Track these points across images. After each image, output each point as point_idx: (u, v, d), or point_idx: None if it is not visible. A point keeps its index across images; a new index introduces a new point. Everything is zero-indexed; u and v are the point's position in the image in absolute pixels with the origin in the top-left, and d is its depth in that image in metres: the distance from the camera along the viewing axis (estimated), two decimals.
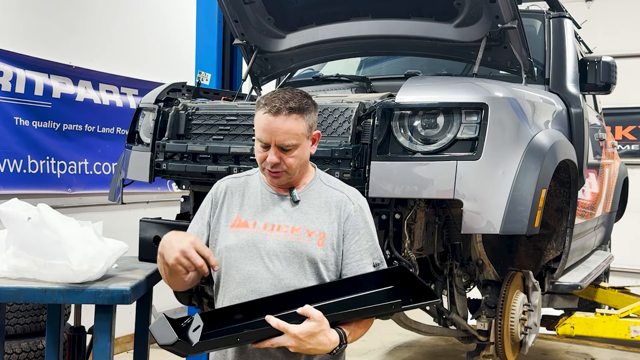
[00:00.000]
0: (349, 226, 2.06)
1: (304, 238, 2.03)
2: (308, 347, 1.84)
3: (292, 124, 1.97)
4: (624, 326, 4.56)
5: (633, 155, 7.92)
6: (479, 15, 3.21)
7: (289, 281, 2.01)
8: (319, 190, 2.11)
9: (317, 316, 1.84)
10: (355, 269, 2.04)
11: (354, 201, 2.09)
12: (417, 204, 2.78)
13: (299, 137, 2.00)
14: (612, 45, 6.99)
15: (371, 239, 2.09)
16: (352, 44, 3.75)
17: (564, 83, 3.78)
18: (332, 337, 1.87)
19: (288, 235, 2.04)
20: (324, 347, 1.86)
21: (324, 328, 1.85)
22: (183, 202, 3.40)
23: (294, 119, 1.98)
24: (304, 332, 1.82)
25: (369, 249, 2.07)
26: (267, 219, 2.08)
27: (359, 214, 2.08)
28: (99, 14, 5.21)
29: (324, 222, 2.05)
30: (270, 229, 2.06)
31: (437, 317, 3.55)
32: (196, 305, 3.59)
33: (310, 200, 2.09)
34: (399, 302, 1.91)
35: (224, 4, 3.68)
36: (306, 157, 2.08)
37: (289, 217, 2.07)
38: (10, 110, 4.43)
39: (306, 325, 1.83)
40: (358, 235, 2.06)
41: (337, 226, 2.05)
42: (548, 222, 3.56)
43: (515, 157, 2.73)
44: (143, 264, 2.99)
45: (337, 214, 2.06)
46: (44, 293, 2.48)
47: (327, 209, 2.07)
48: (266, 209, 2.10)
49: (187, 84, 3.52)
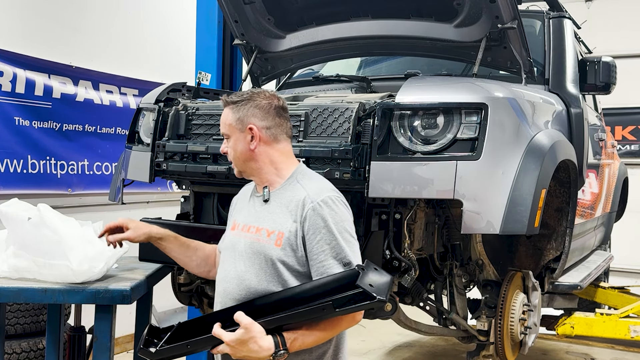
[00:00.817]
0: (308, 226, 1.99)
1: (263, 238, 2.06)
2: (241, 354, 1.88)
3: (224, 115, 2.17)
4: (624, 326, 4.56)
5: (633, 155, 7.92)
6: (479, 15, 3.21)
7: (249, 282, 2.05)
8: (290, 189, 2.10)
9: (245, 323, 1.87)
10: (320, 270, 1.98)
11: (313, 199, 2.01)
12: (417, 204, 2.78)
13: (228, 128, 2.15)
14: (612, 45, 6.99)
15: (334, 238, 1.98)
16: (352, 44, 3.75)
17: (563, 83, 3.78)
18: (263, 344, 1.86)
19: (253, 236, 2.09)
20: (256, 354, 1.87)
21: (254, 335, 1.86)
22: (183, 202, 3.40)
23: (227, 110, 2.16)
24: (234, 339, 1.87)
25: (333, 249, 1.98)
26: (245, 220, 2.17)
27: (318, 212, 1.99)
28: (99, 14, 5.21)
29: (286, 222, 2.04)
30: (242, 229, 2.15)
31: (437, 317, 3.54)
32: (196, 305, 3.60)
33: (279, 200, 2.10)
34: (329, 304, 1.85)
35: (224, 4, 3.68)
36: (242, 149, 2.13)
37: (256, 217, 2.13)
38: (10, 110, 4.44)
39: (236, 332, 1.87)
40: (319, 234, 1.98)
41: (297, 227, 2.01)
42: (548, 222, 3.56)
43: (515, 157, 2.73)
44: (143, 264, 2.99)
45: (297, 214, 2.02)
46: (44, 293, 2.49)
47: (289, 209, 2.05)
48: (247, 210, 2.20)
49: (187, 84, 3.52)
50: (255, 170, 2.14)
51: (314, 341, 1.96)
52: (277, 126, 2.14)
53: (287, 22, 3.80)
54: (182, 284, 3.53)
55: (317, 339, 1.97)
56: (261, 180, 2.15)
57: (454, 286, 3.36)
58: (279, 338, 1.88)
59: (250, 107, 2.13)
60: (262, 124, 2.11)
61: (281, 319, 1.90)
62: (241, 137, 2.12)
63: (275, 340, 1.88)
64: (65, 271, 2.52)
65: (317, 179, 2.15)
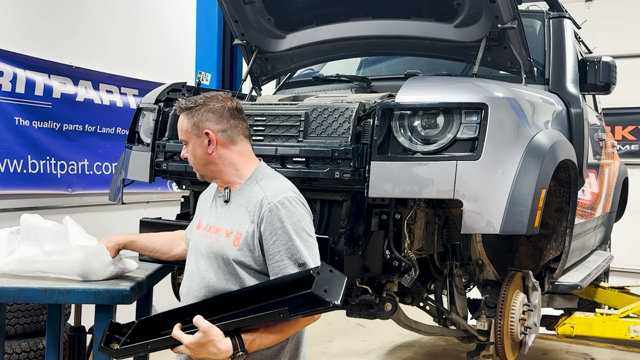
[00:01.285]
0: (265, 227, 2.02)
1: (222, 238, 2.10)
2: (200, 356, 1.92)
3: (180, 121, 2.19)
4: (624, 326, 4.56)
5: (633, 155, 7.92)
6: (479, 15, 3.21)
7: (209, 280, 2.10)
8: (249, 189, 2.13)
9: (203, 327, 1.91)
10: (275, 270, 2.01)
11: (270, 200, 2.03)
12: (417, 204, 2.78)
13: (184, 134, 2.17)
14: (612, 45, 6.99)
15: (289, 239, 2.00)
16: (352, 44, 3.76)
17: (563, 83, 3.78)
18: (222, 347, 1.90)
19: (212, 236, 2.14)
20: (215, 357, 1.91)
21: (212, 338, 1.89)
22: (183, 202, 3.40)
23: (182, 117, 2.18)
24: (193, 342, 1.91)
25: (288, 250, 2.00)
26: (208, 221, 2.21)
27: (275, 213, 2.01)
28: (99, 14, 5.21)
29: (244, 223, 2.07)
30: (204, 229, 2.19)
31: (437, 317, 3.55)
32: None
33: (239, 200, 2.13)
34: (285, 309, 1.88)
35: (224, 4, 3.68)
36: (201, 154, 2.15)
37: (217, 217, 2.17)
38: (10, 110, 4.44)
39: (195, 335, 1.91)
40: (275, 235, 2.01)
41: (254, 227, 2.04)
42: (548, 222, 3.56)
43: (515, 157, 2.73)
44: (143, 264, 2.98)
45: (254, 214, 2.05)
46: (44, 293, 2.48)
47: (248, 209, 2.08)
48: (210, 210, 2.23)
49: (187, 84, 3.52)
50: (215, 172, 2.17)
51: (272, 341, 2.00)
52: (232, 128, 2.16)
53: (287, 22, 3.80)
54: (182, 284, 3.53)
55: (276, 339, 2.00)
56: (223, 181, 2.19)
57: (454, 286, 3.36)
58: (237, 340, 1.93)
59: (204, 112, 2.15)
60: (217, 127, 2.14)
61: (239, 323, 1.94)
62: (198, 142, 2.14)
63: (234, 342, 1.92)
64: (73, 264, 2.54)
65: (275, 178, 2.17)
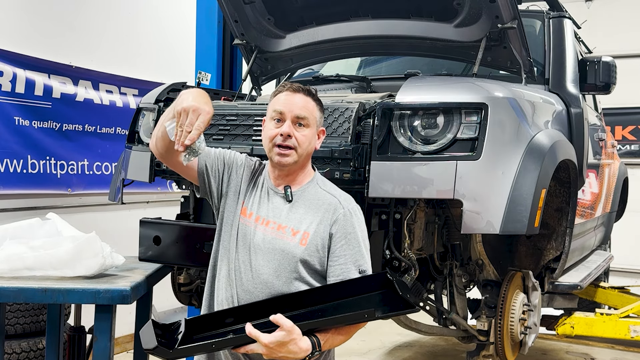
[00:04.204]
0: (337, 229, 2.08)
1: (287, 236, 2.09)
2: (279, 354, 1.90)
3: (308, 102, 2.13)
4: (624, 326, 4.56)
5: (633, 155, 7.92)
6: (479, 15, 3.21)
7: (267, 276, 2.08)
8: (314, 192, 2.16)
9: (287, 326, 1.88)
10: (337, 272, 2.06)
11: (344, 205, 2.12)
12: (417, 204, 2.78)
13: (311, 116, 2.13)
14: (612, 45, 6.99)
15: (357, 245, 2.09)
16: (352, 44, 3.75)
17: (563, 83, 3.78)
18: (303, 346, 1.90)
19: (274, 232, 2.11)
20: (295, 355, 1.90)
21: (294, 337, 1.88)
22: (183, 202, 3.39)
23: (310, 99, 2.14)
24: (274, 341, 1.87)
25: (354, 255, 2.07)
26: (261, 212, 2.15)
27: (348, 218, 2.09)
28: (99, 14, 5.21)
29: (312, 223, 2.09)
30: (260, 223, 2.14)
31: (437, 317, 3.54)
32: (196, 305, 3.60)
33: (303, 201, 2.14)
34: (372, 311, 1.91)
35: (224, 4, 3.68)
36: (313, 145, 2.16)
37: (278, 214, 2.13)
38: (10, 110, 4.43)
39: (276, 334, 1.88)
40: (345, 239, 2.07)
41: (324, 228, 2.08)
42: (548, 222, 3.56)
43: (515, 157, 2.73)
44: (143, 264, 2.99)
45: (326, 216, 2.09)
46: (44, 293, 2.48)
47: (317, 211, 2.11)
48: (262, 202, 2.18)
49: (187, 84, 3.52)
50: (302, 166, 2.18)
51: (341, 341, 2.03)
52: None
53: (287, 22, 3.80)
54: (182, 283, 3.53)
55: (343, 340, 2.03)
56: (294, 175, 2.17)
57: (454, 286, 3.36)
58: (315, 339, 1.93)
59: (322, 108, 2.22)
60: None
61: (323, 322, 1.94)
62: (314, 132, 2.18)
63: (312, 342, 1.92)
64: (63, 255, 2.54)
65: (336, 187, 2.23)
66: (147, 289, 2.81)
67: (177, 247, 2.91)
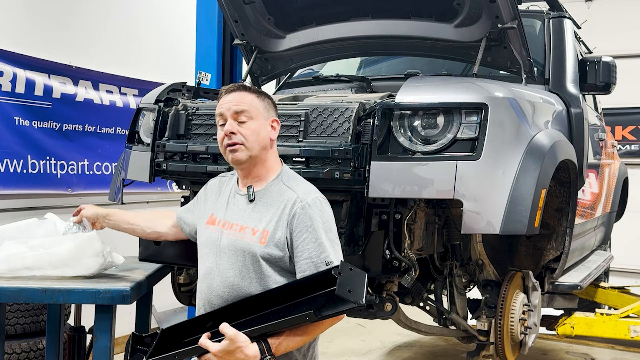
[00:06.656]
0: (295, 224, 2.07)
1: (248, 236, 2.11)
2: None
3: (243, 96, 2.17)
4: (624, 326, 4.56)
5: (633, 155, 7.92)
6: (479, 15, 3.21)
7: (233, 279, 2.11)
8: (277, 189, 2.17)
9: (230, 334, 1.91)
10: (303, 267, 2.06)
11: (302, 199, 2.10)
12: (417, 204, 2.78)
13: (251, 107, 2.15)
14: (612, 45, 6.98)
15: (319, 237, 2.06)
16: (352, 44, 3.75)
17: (564, 83, 3.78)
18: (249, 353, 1.92)
19: (236, 234, 2.14)
20: None
21: (240, 345, 1.91)
22: (183, 202, 3.39)
23: (246, 93, 2.18)
24: (221, 350, 1.92)
25: (316, 248, 2.05)
26: (227, 217, 2.20)
27: (307, 211, 2.07)
28: (99, 14, 5.21)
29: (271, 221, 2.10)
30: (225, 227, 2.18)
31: (437, 317, 3.54)
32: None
33: (265, 200, 2.16)
34: (311, 312, 1.90)
35: (224, 4, 3.68)
36: (264, 136, 2.17)
37: (241, 215, 2.17)
38: (10, 110, 4.43)
39: (222, 343, 1.92)
40: (306, 233, 2.06)
41: (282, 225, 2.08)
42: (548, 222, 3.56)
43: (515, 157, 2.73)
44: (143, 264, 2.99)
45: (285, 212, 2.09)
46: (44, 293, 2.48)
47: (277, 208, 2.11)
48: (229, 207, 2.23)
49: (187, 84, 3.52)
50: (260, 160, 2.18)
51: (299, 343, 2.02)
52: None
53: (287, 22, 3.80)
54: (182, 284, 3.53)
55: (302, 341, 2.02)
56: (256, 172, 2.20)
57: (454, 286, 3.36)
58: (263, 345, 1.94)
59: (271, 102, 2.24)
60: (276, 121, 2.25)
61: (264, 328, 1.95)
62: (264, 124, 2.19)
63: (261, 347, 1.94)
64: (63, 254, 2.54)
65: (301, 180, 2.23)
66: (147, 289, 2.81)
67: (177, 247, 2.90)
